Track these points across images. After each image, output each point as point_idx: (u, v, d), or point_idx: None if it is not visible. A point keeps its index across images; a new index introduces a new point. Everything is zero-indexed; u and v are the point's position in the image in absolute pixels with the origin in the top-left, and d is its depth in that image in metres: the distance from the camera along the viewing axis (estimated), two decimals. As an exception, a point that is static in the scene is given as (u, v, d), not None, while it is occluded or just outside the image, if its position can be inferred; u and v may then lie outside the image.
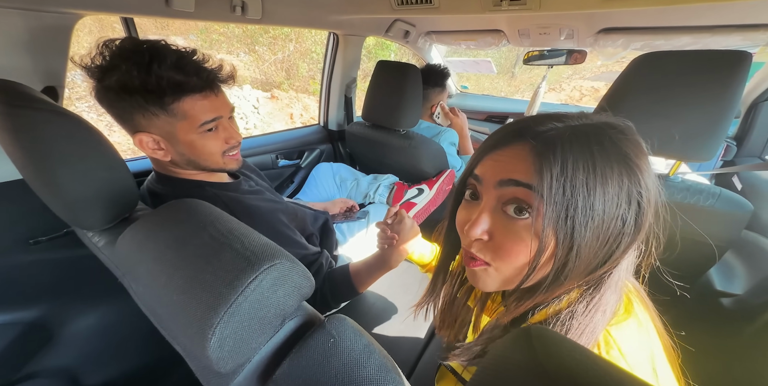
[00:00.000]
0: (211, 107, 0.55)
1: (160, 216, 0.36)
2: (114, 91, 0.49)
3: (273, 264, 0.31)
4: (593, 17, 0.94)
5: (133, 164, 0.86)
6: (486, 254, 0.30)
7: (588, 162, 0.26)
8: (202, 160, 0.58)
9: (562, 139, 0.26)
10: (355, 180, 1.19)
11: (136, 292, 0.35)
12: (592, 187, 0.26)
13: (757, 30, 0.79)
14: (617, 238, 0.28)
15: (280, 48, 4.28)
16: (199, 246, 0.32)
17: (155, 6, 0.68)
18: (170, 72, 0.49)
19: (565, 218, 0.26)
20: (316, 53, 4.30)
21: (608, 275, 0.29)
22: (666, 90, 0.60)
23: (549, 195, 0.25)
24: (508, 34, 1.17)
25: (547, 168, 0.25)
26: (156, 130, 0.53)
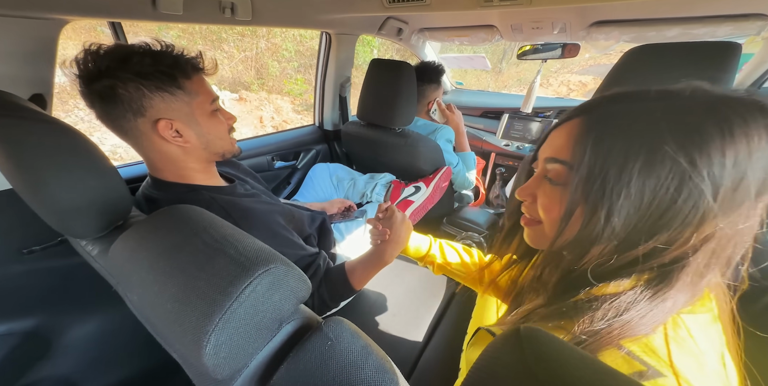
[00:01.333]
0: (210, 88, 0.59)
1: (152, 223, 0.36)
2: (132, 81, 0.49)
3: (268, 269, 0.31)
4: (585, 11, 0.94)
5: (127, 170, 0.86)
6: (531, 213, 0.35)
7: (630, 138, 0.26)
8: (218, 139, 0.60)
9: (610, 114, 0.28)
10: (352, 179, 1.19)
11: (131, 301, 0.34)
12: (632, 162, 0.26)
13: (746, 20, 0.79)
14: (664, 218, 0.26)
15: (248, 45, 3.94)
16: (192, 252, 0.32)
17: (142, 9, 0.67)
18: (180, 57, 0.53)
19: (594, 187, 0.27)
20: (287, 50, 4.10)
21: (680, 268, 0.27)
22: (659, 82, 0.59)
23: (580, 167, 0.28)
24: (501, 29, 1.16)
25: (582, 142, 0.28)
26: (174, 113, 0.54)
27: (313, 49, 4.21)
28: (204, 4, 0.75)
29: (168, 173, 0.61)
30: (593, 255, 0.30)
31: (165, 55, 0.52)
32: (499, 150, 1.58)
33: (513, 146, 1.53)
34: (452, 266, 0.63)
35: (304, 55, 4.22)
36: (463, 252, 0.65)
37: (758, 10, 0.77)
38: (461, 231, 1.11)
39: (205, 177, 0.64)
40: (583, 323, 0.28)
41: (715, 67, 0.56)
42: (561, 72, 6.15)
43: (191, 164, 0.61)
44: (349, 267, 0.67)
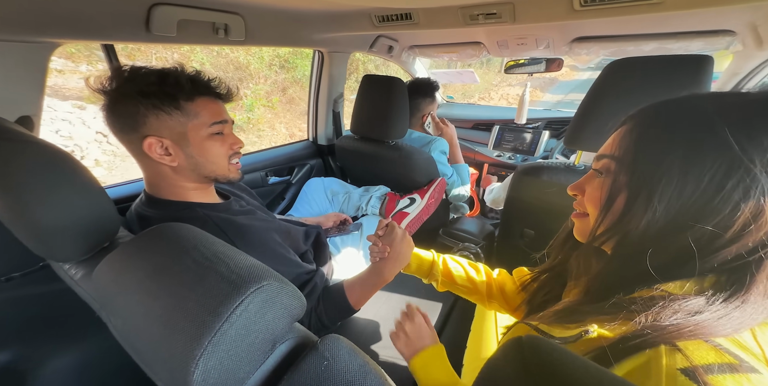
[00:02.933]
0: (219, 110, 0.60)
1: (140, 243, 0.35)
2: (130, 97, 0.52)
3: (260, 286, 0.30)
4: (566, 27, 0.99)
5: (117, 190, 0.84)
6: (579, 206, 0.37)
7: (673, 125, 0.28)
8: (209, 163, 0.59)
9: (654, 110, 0.30)
10: (347, 193, 1.19)
11: (115, 326, 0.33)
12: (675, 149, 0.27)
13: (716, 36, 0.85)
14: (709, 205, 0.26)
15: (143, 55, 3.29)
16: (181, 272, 0.31)
17: (136, 32, 0.68)
18: (185, 79, 0.55)
19: (635, 172, 0.29)
20: (200, 62, 3.54)
21: (752, 268, 0.25)
22: (638, 93, 0.62)
23: (622, 155, 0.30)
24: (488, 45, 1.21)
25: (626, 135, 0.31)
26: (167, 131, 0.55)
27: (237, 62, 3.76)
28: (197, 25, 0.77)
29: (162, 190, 0.60)
30: (635, 244, 0.30)
31: (170, 75, 0.54)
32: (491, 160, 1.61)
33: (505, 156, 1.56)
34: (458, 282, 0.61)
35: (224, 69, 3.72)
36: (468, 267, 0.63)
37: (727, 26, 0.83)
38: (458, 242, 1.11)
39: (200, 194, 0.63)
40: (647, 316, 0.26)
41: (690, 79, 0.58)
42: (501, 85, 6.43)
43: (183, 183, 0.60)
44: (347, 286, 0.65)
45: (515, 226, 0.95)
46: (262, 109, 3.84)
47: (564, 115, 1.55)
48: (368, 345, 0.75)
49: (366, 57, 4.67)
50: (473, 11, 0.80)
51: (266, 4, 0.84)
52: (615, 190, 0.31)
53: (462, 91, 5.84)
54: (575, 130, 0.71)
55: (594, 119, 0.67)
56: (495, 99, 5.98)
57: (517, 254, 0.99)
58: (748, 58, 0.94)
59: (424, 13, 0.87)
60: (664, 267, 0.28)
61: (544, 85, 6.65)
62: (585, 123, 0.69)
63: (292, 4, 0.86)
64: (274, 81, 4.06)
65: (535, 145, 1.44)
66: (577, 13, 0.70)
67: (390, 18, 0.92)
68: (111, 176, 2.73)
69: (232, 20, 0.82)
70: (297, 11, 0.94)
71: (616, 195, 0.31)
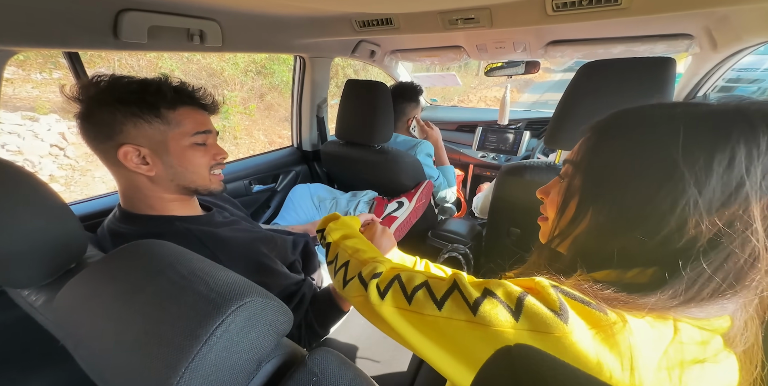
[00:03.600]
0: (203, 120, 0.59)
1: (109, 263, 0.32)
2: (107, 104, 0.50)
3: (243, 304, 0.29)
4: (541, 32, 1.02)
5: (86, 205, 0.79)
6: (544, 209, 0.39)
7: (622, 134, 0.30)
8: (189, 173, 0.57)
9: (612, 119, 0.32)
10: (334, 199, 1.17)
11: (81, 357, 0.30)
12: (617, 166, 0.29)
13: (677, 39, 0.92)
14: (644, 210, 0.27)
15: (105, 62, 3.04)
16: (155, 293, 0.29)
17: (102, 39, 0.65)
18: (168, 87, 0.54)
19: (585, 178, 0.31)
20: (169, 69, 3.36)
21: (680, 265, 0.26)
22: (611, 94, 0.65)
23: (578, 164, 0.32)
24: (468, 49, 1.24)
25: (583, 142, 0.33)
26: (145, 140, 0.53)
27: (210, 68, 3.65)
28: (170, 32, 0.74)
29: (139, 203, 0.57)
30: (582, 245, 0.32)
31: (152, 84, 0.53)
32: (476, 161, 1.64)
33: (489, 157, 1.59)
34: None
35: (196, 76, 3.59)
36: (449, 271, 0.62)
37: (686, 31, 0.90)
38: (447, 244, 1.11)
39: (180, 207, 0.60)
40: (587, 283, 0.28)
41: (654, 79, 0.62)
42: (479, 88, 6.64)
43: (162, 194, 0.58)
44: (333, 288, 0.65)
45: (502, 225, 0.96)
46: (239, 116, 3.75)
47: (543, 116, 1.60)
48: (361, 355, 0.73)
49: (345, 62, 4.67)
50: (452, 16, 0.82)
51: (243, 10, 0.82)
52: (569, 194, 0.32)
53: (442, 94, 5.93)
54: (554, 130, 0.73)
55: (571, 119, 0.70)
56: (474, 101, 6.12)
57: (505, 253, 1.00)
58: (705, 59, 1.01)
59: (404, 18, 0.88)
60: (603, 263, 0.30)
61: (520, 86, 6.90)
62: (562, 123, 0.71)
63: (269, 10, 0.85)
64: (251, 87, 3.98)
65: (517, 145, 1.48)
66: (550, 18, 0.73)
67: (371, 23, 0.93)
68: (69, 192, 2.56)
69: (208, 26, 0.79)
70: (275, 17, 0.92)
71: (570, 199, 0.32)
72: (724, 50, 0.88)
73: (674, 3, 0.61)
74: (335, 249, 0.49)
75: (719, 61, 1.00)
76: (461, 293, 0.30)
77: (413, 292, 0.33)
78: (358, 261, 0.43)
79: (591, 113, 0.67)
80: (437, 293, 0.31)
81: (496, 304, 0.27)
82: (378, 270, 0.38)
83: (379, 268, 0.38)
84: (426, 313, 0.31)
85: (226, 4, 0.75)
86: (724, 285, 0.25)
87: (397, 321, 0.33)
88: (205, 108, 0.60)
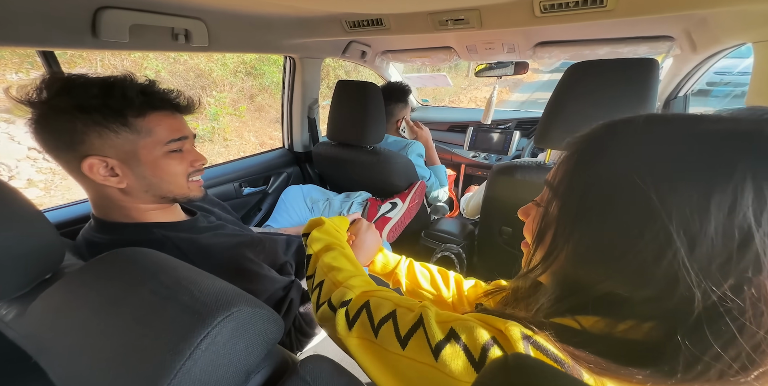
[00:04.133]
0: (178, 126, 0.54)
1: (87, 273, 0.31)
2: (65, 111, 0.45)
3: (230, 314, 0.27)
4: (529, 33, 1.04)
5: (66, 211, 0.76)
6: (527, 232, 0.33)
7: (601, 161, 0.24)
8: (165, 182, 0.53)
9: (593, 138, 0.26)
10: (327, 200, 1.16)
11: (56, 374, 0.28)
12: (597, 187, 0.24)
13: (658, 41, 0.95)
14: (623, 259, 0.22)
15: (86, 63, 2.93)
16: (137, 306, 0.28)
17: (80, 38, 0.62)
18: (135, 91, 0.48)
19: (561, 209, 0.26)
20: (154, 70, 3.23)
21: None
22: (598, 93, 0.67)
23: (555, 189, 0.27)
24: (458, 50, 1.24)
25: (560, 163, 0.28)
26: (112, 151, 0.48)
27: (198, 69, 3.51)
28: (154, 31, 0.72)
29: (113, 212, 0.54)
30: (560, 280, 0.28)
31: (116, 86, 0.47)
32: (467, 161, 1.65)
33: (480, 157, 1.60)
34: (422, 288, 0.58)
35: (183, 77, 3.44)
36: (437, 274, 0.59)
37: (667, 33, 0.93)
38: (440, 243, 1.11)
39: (159, 214, 0.57)
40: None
41: (638, 79, 0.64)
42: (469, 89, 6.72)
43: (137, 204, 0.54)
44: None
45: (493, 225, 0.97)
46: (228, 117, 3.68)
47: (532, 116, 1.62)
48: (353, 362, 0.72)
49: (336, 63, 4.64)
50: (442, 17, 0.82)
51: (230, 9, 0.80)
52: (546, 223, 0.28)
53: (433, 95, 5.95)
54: (543, 130, 0.74)
55: (560, 118, 0.71)
56: (464, 102, 6.17)
57: (497, 251, 1.01)
58: (685, 61, 1.05)
59: (394, 18, 0.88)
60: (590, 306, 0.25)
61: (512, 86, 7.04)
62: (551, 122, 0.72)
63: (257, 9, 0.84)
64: (241, 88, 3.92)
65: (507, 145, 1.50)
66: (538, 19, 0.74)
67: (361, 24, 0.92)
68: (49, 197, 2.44)
69: (194, 25, 0.77)
70: (264, 16, 0.91)
71: (546, 229, 0.28)
72: (703, 52, 0.91)
73: (656, 5, 0.63)
74: (314, 263, 0.46)
75: (699, 62, 1.04)
76: (425, 331, 0.27)
77: (379, 325, 0.30)
78: (331, 283, 0.40)
79: (581, 114, 0.68)
80: (402, 329, 0.29)
81: (459, 351, 0.24)
82: (347, 296, 0.36)
83: (348, 295, 0.36)
84: (390, 350, 0.28)
85: (212, 3, 0.74)
86: (735, 367, 0.19)
87: (362, 354, 0.31)
88: (179, 109, 0.54)
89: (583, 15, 0.70)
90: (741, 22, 0.66)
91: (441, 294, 0.57)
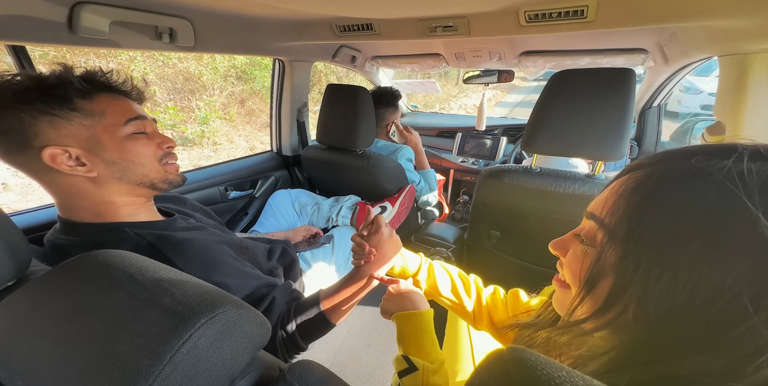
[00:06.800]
0: (130, 107, 0.51)
1: (55, 278, 0.28)
2: (4, 107, 0.42)
3: (214, 316, 0.26)
4: (515, 42, 1.08)
5: (34, 215, 0.71)
6: (561, 271, 0.30)
7: (690, 202, 0.19)
8: (138, 165, 0.51)
9: (669, 170, 0.21)
10: (316, 204, 1.14)
11: None
12: (687, 237, 0.19)
13: (633, 53, 1.02)
14: (729, 333, 0.18)
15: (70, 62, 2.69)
16: (111, 310, 0.26)
17: (54, 33, 0.59)
18: (71, 75, 0.46)
19: (627, 258, 0.21)
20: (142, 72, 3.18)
21: None
22: (579, 101, 0.69)
23: (614, 228, 0.22)
24: (446, 57, 1.27)
25: (623, 198, 0.22)
26: (71, 139, 0.45)
27: (187, 72, 3.46)
28: (136, 28, 0.70)
29: (81, 211, 0.50)
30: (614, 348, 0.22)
31: (49, 76, 0.45)
32: (456, 166, 1.67)
33: (469, 162, 1.63)
34: (442, 295, 0.55)
35: (172, 80, 3.38)
36: (458, 279, 0.57)
37: (641, 45, 0.99)
38: (430, 247, 1.11)
39: (132, 212, 0.54)
40: None
41: (615, 88, 0.67)
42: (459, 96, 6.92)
43: (111, 198, 0.51)
44: (325, 298, 0.57)
45: (482, 228, 0.98)
46: (219, 121, 3.62)
47: (519, 122, 1.67)
48: (345, 365, 0.70)
49: (328, 69, 4.66)
50: (431, 24, 0.84)
51: (217, 9, 0.79)
52: (599, 270, 0.23)
53: (424, 101, 6.05)
54: (529, 136, 0.76)
55: (545, 125, 0.73)
56: (454, 109, 6.31)
57: (486, 255, 1.02)
58: (659, 72, 1.11)
59: (384, 24, 0.89)
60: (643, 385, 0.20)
61: (508, 88, 7.35)
62: (537, 128, 0.74)
63: (246, 10, 0.83)
64: (231, 92, 3.87)
65: (495, 150, 1.53)
66: (524, 28, 0.76)
67: (351, 28, 0.93)
68: (26, 202, 2.33)
69: (179, 24, 0.76)
70: (252, 17, 0.90)
71: (599, 277, 0.23)
72: (674, 64, 0.98)
73: (632, 18, 0.67)
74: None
75: (671, 74, 1.10)
76: None
77: None
78: None
79: (564, 121, 0.71)
80: None
81: None
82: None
83: None
84: None
85: (198, 2, 0.72)
86: None
87: None
88: (126, 95, 0.52)
89: (565, 25, 0.73)
90: (707, 37, 0.70)
91: (462, 303, 0.55)
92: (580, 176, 0.75)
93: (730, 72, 0.68)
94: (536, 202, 0.80)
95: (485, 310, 0.54)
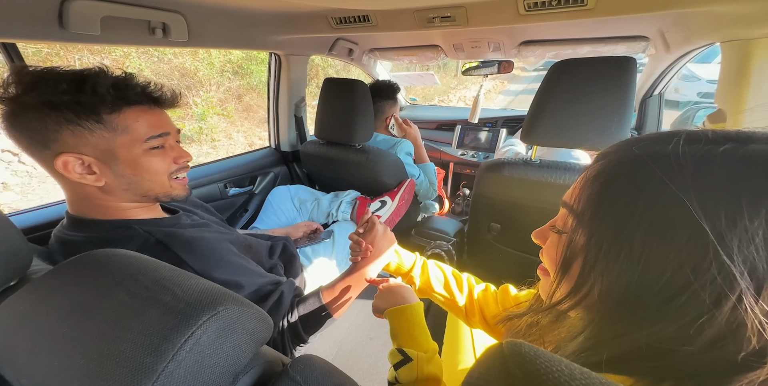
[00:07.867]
0: (158, 121, 0.51)
1: (57, 277, 0.29)
2: (34, 108, 0.43)
3: (215, 313, 0.26)
4: (514, 31, 1.05)
5: (33, 215, 0.71)
6: (542, 256, 0.31)
7: (643, 185, 0.21)
8: (146, 180, 0.51)
9: (628, 157, 0.22)
10: (316, 200, 1.14)
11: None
12: (638, 217, 0.21)
13: (634, 40, 0.99)
14: (673, 302, 0.20)
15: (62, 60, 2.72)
16: (113, 308, 0.26)
17: (45, 29, 0.58)
18: (107, 85, 0.45)
19: (592, 238, 0.23)
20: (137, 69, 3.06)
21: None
22: (580, 91, 0.68)
23: (580, 213, 0.24)
24: (445, 48, 1.25)
25: (588, 184, 0.24)
26: (88, 149, 0.46)
27: (183, 68, 3.41)
28: (128, 24, 0.68)
29: (90, 210, 0.51)
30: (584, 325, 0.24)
31: (87, 80, 0.44)
32: (456, 159, 1.66)
33: (468, 155, 1.62)
34: (434, 291, 0.58)
35: (167, 76, 3.33)
36: (452, 277, 0.59)
37: (642, 33, 0.97)
38: (430, 241, 1.12)
39: (139, 211, 0.55)
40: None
41: (617, 76, 0.66)
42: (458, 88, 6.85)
43: (116, 203, 0.52)
44: (325, 292, 0.61)
45: (482, 221, 0.98)
46: (216, 117, 3.58)
47: (518, 114, 1.65)
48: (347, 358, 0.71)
49: (326, 62, 4.60)
50: (429, 14, 0.82)
51: (210, 3, 0.78)
52: (571, 253, 0.25)
53: (422, 94, 5.99)
54: (529, 127, 0.75)
55: (545, 115, 0.72)
56: (453, 101, 6.27)
57: (487, 248, 1.02)
58: (660, 60, 1.09)
59: (381, 15, 0.87)
60: (617, 359, 0.22)
61: (509, 78, 7.29)
62: (537, 119, 0.73)
63: (239, 3, 0.81)
64: (228, 88, 3.82)
65: (494, 143, 1.52)
66: (523, 18, 0.75)
67: (347, 20, 0.91)
68: (26, 201, 2.33)
69: (172, 19, 0.74)
70: (247, 11, 0.88)
71: (572, 260, 0.25)
72: (676, 51, 0.96)
73: (632, 5, 0.65)
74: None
75: (672, 62, 1.08)
76: None
77: None
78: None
79: (564, 110, 0.70)
80: None
81: None
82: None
83: None
84: None
85: (191, -4, 0.71)
86: None
87: None
88: (158, 103, 0.51)
89: (565, 13, 0.71)
90: (709, 23, 0.69)
91: (454, 299, 0.57)
92: (580, 167, 0.75)
93: (733, 58, 0.67)
94: (536, 194, 0.79)
95: (477, 305, 0.56)
